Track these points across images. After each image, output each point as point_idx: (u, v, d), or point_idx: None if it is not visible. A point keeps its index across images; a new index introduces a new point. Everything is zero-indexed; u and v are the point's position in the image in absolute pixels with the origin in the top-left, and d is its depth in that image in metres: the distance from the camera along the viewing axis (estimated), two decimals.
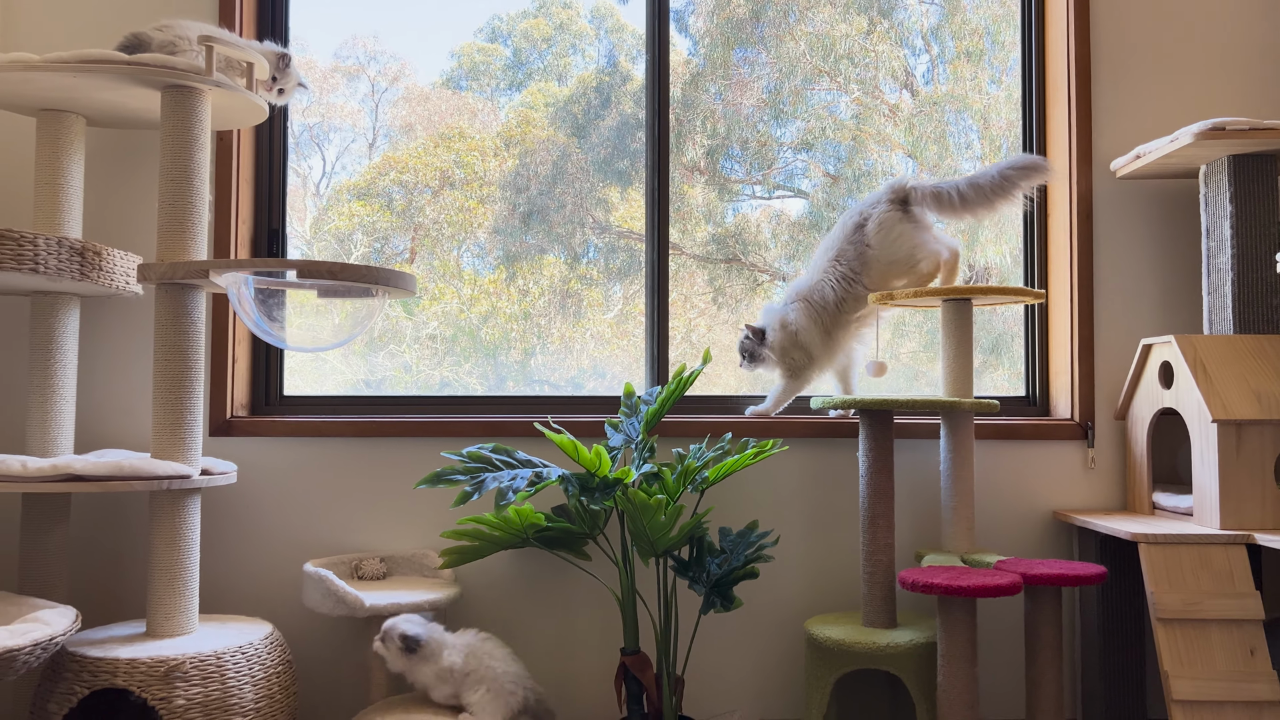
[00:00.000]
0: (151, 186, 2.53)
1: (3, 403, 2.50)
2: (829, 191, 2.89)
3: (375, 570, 2.42)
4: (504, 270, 2.83)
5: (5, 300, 2.51)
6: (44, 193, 2.27)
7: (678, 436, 2.53)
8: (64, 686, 1.94)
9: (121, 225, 2.53)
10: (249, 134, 2.62)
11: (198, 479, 2.12)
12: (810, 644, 2.25)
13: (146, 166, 2.54)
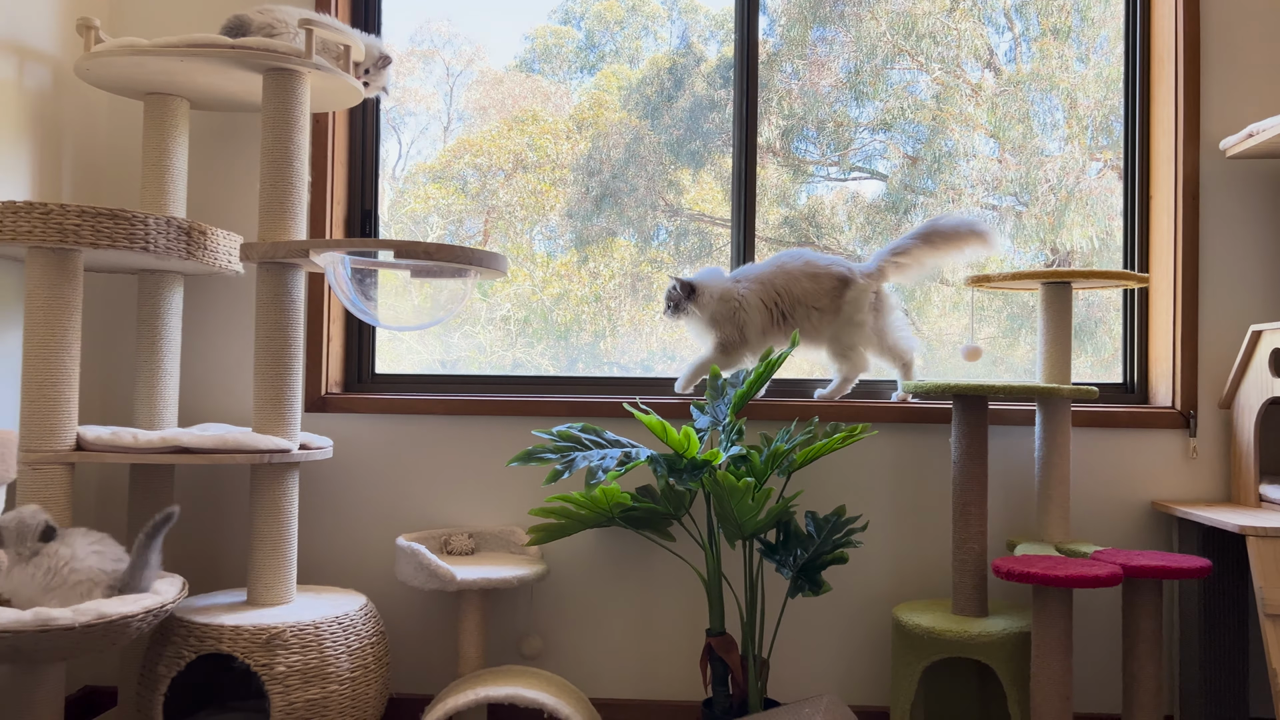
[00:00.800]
0: (249, 168, 2.60)
1: (111, 377, 2.60)
2: (908, 173, 2.83)
3: (464, 546, 2.47)
4: (575, 253, 2.84)
5: (114, 279, 2.60)
6: (151, 174, 2.35)
7: (763, 419, 2.51)
8: (172, 650, 2.02)
9: (221, 205, 2.60)
10: (343, 116, 2.67)
11: (297, 453, 2.18)
12: (898, 631, 2.23)
13: (245, 148, 2.60)
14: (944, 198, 2.80)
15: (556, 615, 2.53)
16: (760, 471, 2.13)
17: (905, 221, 2.81)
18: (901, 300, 2.61)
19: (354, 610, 2.16)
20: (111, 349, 2.60)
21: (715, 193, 2.83)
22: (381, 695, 2.17)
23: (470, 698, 2.07)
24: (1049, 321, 2.33)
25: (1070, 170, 2.79)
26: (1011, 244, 2.80)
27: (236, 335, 2.59)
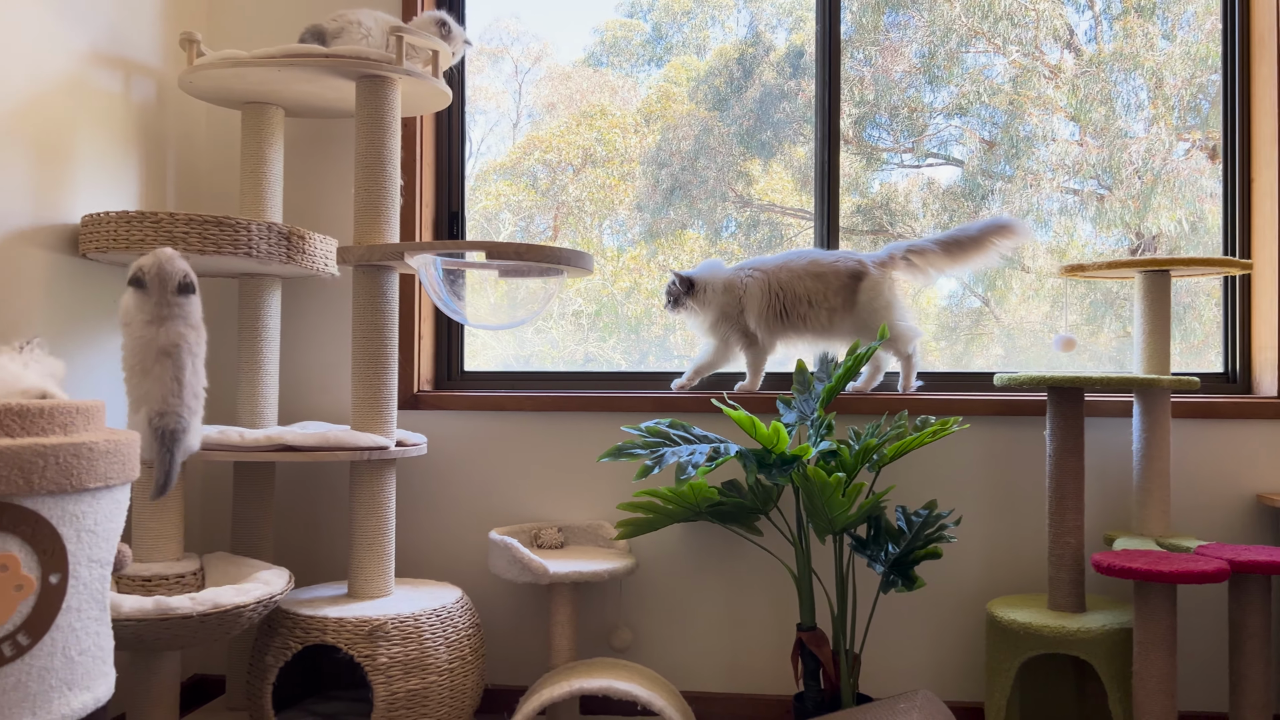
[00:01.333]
0: (342, 172, 2.67)
1: (214, 378, 2.70)
2: (984, 158, 2.78)
3: (553, 539, 2.51)
4: (645, 246, 2.85)
5: (215, 283, 2.70)
6: (249, 181, 2.43)
7: (849, 413, 2.50)
8: (279, 641, 2.09)
9: (315, 209, 2.68)
10: (430, 120, 2.72)
11: (394, 450, 2.24)
12: (993, 626, 2.20)
13: (338, 154, 2.67)
14: (1022, 183, 2.75)
15: (645, 608, 2.56)
16: (851, 467, 2.12)
17: (983, 208, 2.77)
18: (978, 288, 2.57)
19: (451, 603, 2.21)
20: (214, 351, 2.69)
21: (786, 182, 2.82)
22: (478, 686, 2.22)
23: (565, 689, 2.11)
24: (1147, 310, 2.28)
25: (1156, 152, 2.72)
26: (1094, 229, 2.73)
27: (332, 335, 2.66)
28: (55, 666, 1.39)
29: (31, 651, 1.35)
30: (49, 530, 1.36)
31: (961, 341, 2.80)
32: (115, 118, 2.28)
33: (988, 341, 2.81)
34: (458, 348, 2.77)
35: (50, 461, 1.35)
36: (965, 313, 2.83)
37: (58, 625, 1.39)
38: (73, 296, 2.14)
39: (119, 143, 2.30)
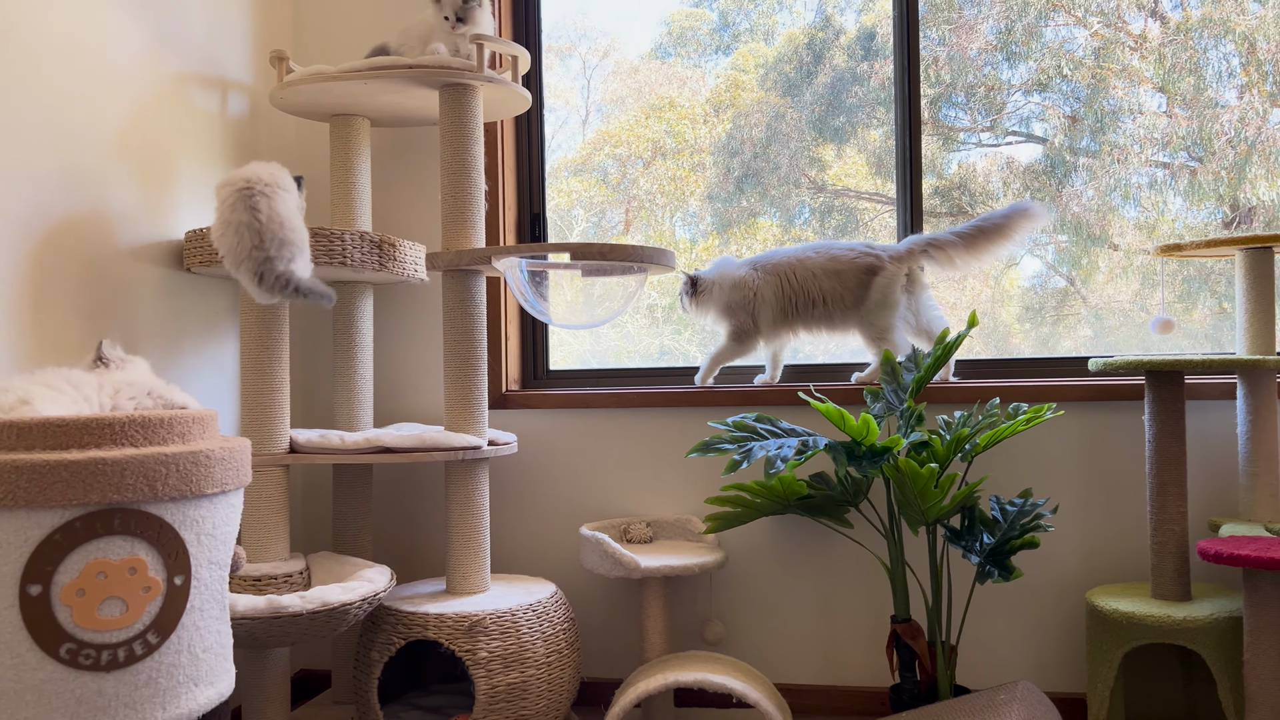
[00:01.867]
0: (426, 179, 2.73)
1: (311, 383, 2.79)
2: (1067, 134, 2.71)
3: (642, 534, 2.53)
4: (717, 236, 2.85)
5: None
6: (339, 191, 2.51)
7: (938, 403, 2.47)
8: (383, 637, 2.16)
9: (402, 216, 2.75)
10: (510, 123, 2.77)
11: (487, 449, 2.29)
12: (1094, 616, 2.16)
13: (422, 161, 2.74)
14: (1108, 158, 2.68)
15: (737, 601, 2.57)
16: (943, 457, 2.10)
17: (1066, 184, 2.70)
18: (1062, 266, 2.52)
19: (545, 598, 2.25)
20: (310, 356, 2.79)
21: (860, 167, 2.80)
22: (574, 679, 2.26)
23: (659, 682, 2.13)
24: (1249, 289, 2.20)
25: (1250, 120, 2.62)
26: (1185, 203, 2.65)
27: (423, 338, 2.73)
28: (182, 663, 1.46)
29: (160, 649, 1.43)
30: (172, 534, 1.43)
31: (1047, 323, 2.74)
32: (213, 135, 2.38)
33: (1075, 322, 2.74)
34: (543, 347, 2.81)
35: (172, 469, 1.42)
36: (1050, 293, 2.77)
37: (183, 624, 1.46)
38: (180, 309, 2.24)
39: (217, 158, 2.39)
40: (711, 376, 2.61)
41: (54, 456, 1.33)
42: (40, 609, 1.33)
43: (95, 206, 1.97)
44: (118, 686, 1.38)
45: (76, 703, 1.35)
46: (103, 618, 1.36)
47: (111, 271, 2.01)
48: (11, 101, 1.76)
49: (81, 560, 1.35)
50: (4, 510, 1.32)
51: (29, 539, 1.33)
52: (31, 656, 1.33)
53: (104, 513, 1.36)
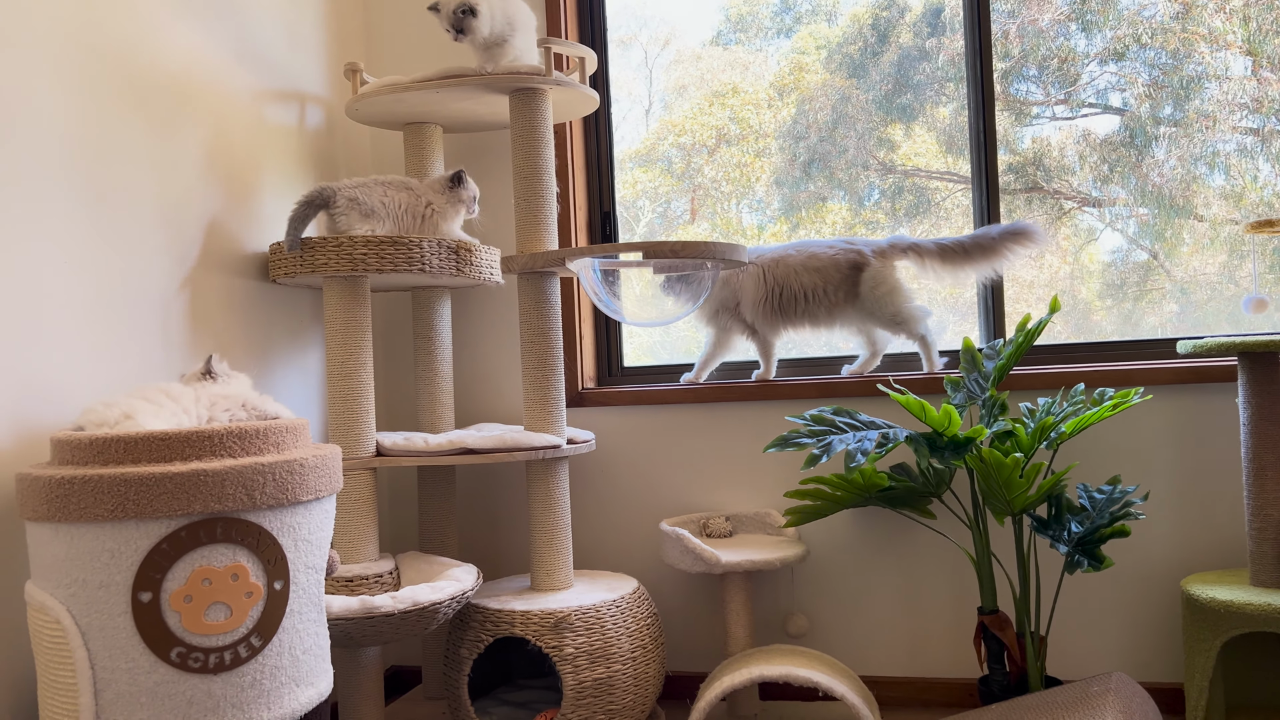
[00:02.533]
0: (497, 182, 2.77)
1: (394, 387, 2.86)
2: (1149, 103, 2.61)
3: (722, 529, 2.54)
4: (785, 222, 2.82)
5: (389, 297, 2.85)
6: None
7: (1020, 390, 2.43)
8: (472, 634, 2.21)
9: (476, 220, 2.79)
10: (578, 122, 2.79)
11: (566, 448, 2.32)
12: (1189, 605, 2.11)
13: (494, 165, 2.77)
14: (1192, 125, 2.59)
15: (818, 595, 2.56)
16: (1027, 446, 2.06)
17: (1146, 155, 2.62)
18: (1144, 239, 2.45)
19: (629, 593, 2.27)
20: (392, 361, 2.86)
21: (930, 145, 2.75)
22: (660, 673, 2.28)
23: (745, 676, 2.14)
24: None
25: None
26: (1275, 170, 2.55)
27: (500, 340, 2.77)
28: (284, 665, 1.51)
29: (264, 652, 1.48)
30: (271, 541, 1.49)
31: (1129, 299, 2.67)
32: (292, 148, 2.44)
33: (1159, 298, 2.66)
34: (617, 345, 2.83)
35: (269, 478, 1.47)
36: (1132, 268, 2.69)
37: (284, 627, 1.51)
38: (267, 320, 2.31)
39: (297, 171, 2.46)
40: (704, 375, 2.66)
41: (159, 469, 1.40)
42: (151, 615, 1.39)
43: (187, 223, 2.05)
44: (225, 688, 1.44)
45: (187, 704, 1.41)
46: (209, 622, 1.42)
47: (201, 285, 2.09)
48: (118, 129, 1.84)
49: (188, 568, 1.41)
50: (115, 521, 1.38)
51: (139, 548, 1.39)
52: (145, 660, 1.40)
53: (207, 522, 1.42)
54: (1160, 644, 2.38)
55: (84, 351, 1.76)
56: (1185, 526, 2.36)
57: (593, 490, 2.71)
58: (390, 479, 2.86)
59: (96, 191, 1.81)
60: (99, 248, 1.81)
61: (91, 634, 1.39)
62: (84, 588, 1.39)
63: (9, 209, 1.62)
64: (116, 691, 1.39)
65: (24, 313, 1.64)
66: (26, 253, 1.65)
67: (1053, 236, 2.68)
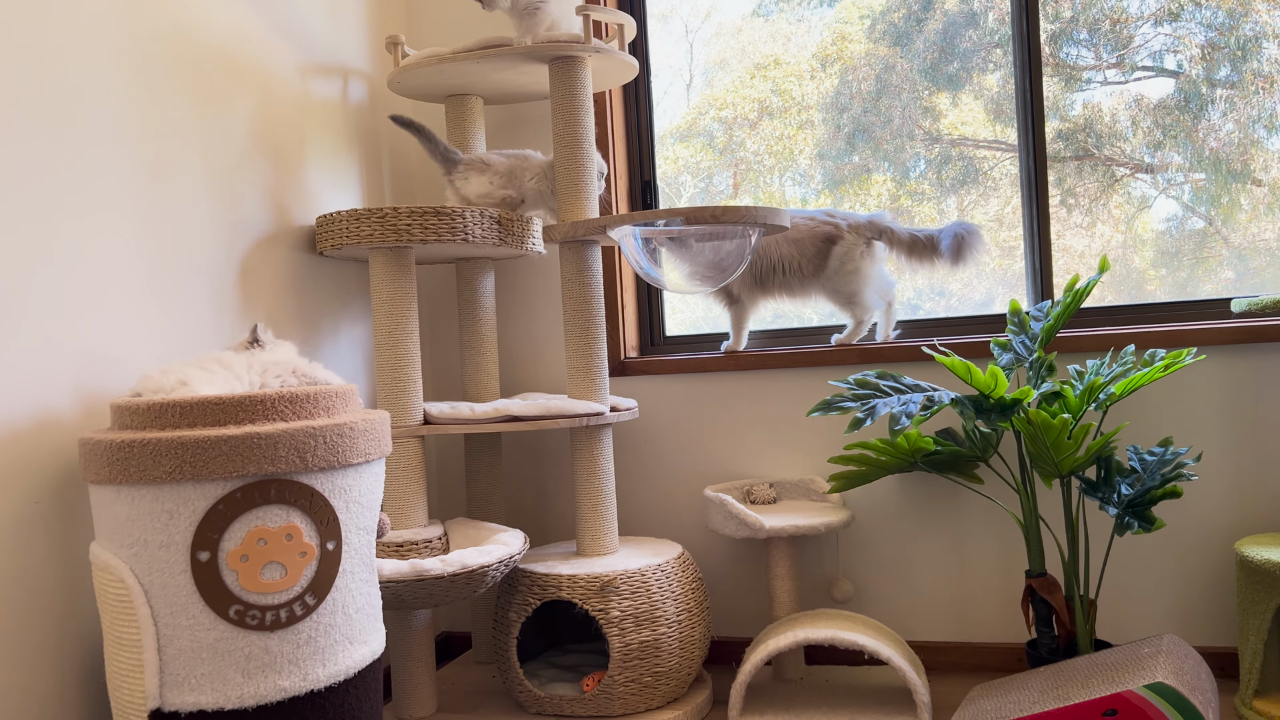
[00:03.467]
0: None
1: (440, 357, 2.89)
2: (1208, 62, 2.54)
3: (765, 495, 2.55)
4: (829, 195, 2.80)
5: (434, 269, 2.88)
6: None
7: (1069, 352, 2.40)
8: (519, 598, 2.24)
9: None
10: (617, 91, 2.79)
11: (609, 415, 2.34)
12: (1244, 567, 2.07)
13: (535, 135, 2.78)
14: (1250, 87, 2.52)
15: (864, 560, 2.56)
16: (1075, 408, 2.04)
17: (1201, 119, 2.55)
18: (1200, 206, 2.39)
19: (673, 558, 2.29)
20: (437, 332, 2.89)
21: (978, 114, 2.70)
22: (705, 637, 2.30)
23: (790, 639, 2.15)
24: None
25: None
26: None
27: (544, 310, 2.80)
28: (338, 623, 1.55)
29: (318, 610, 1.52)
30: (323, 502, 1.52)
31: (1185, 267, 2.61)
32: (335, 122, 2.47)
33: (1215, 265, 2.60)
34: (659, 314, 2.84)
35: (320, 441, 1.51)
36: (1187, 235, 2.63)
37: (337, 587, 1.55)
38: (315, 291, 2.35)
39: (341, 145, 2.49)
40: (743, 341, 2.67)
41: (215, 432, 1.43)
42: (209, 574, 1.44)
43: (235, 196, 2.09)
44: (282, 644, 1.48)
45: (246, 659, 1.46)
46: (265, 581, 1.46)
47: (251, 257, 2.13)
48: (168, 105, 1.88)
49: (244, 528, 1.45)
50: (174, 483, 1.43)
51: (196, 509, 1.43)
52: (205, 618, 1.44)
53: (261, 483, 1.46)
54: (1213, 608, 2.35)
55: (140, 322, 1.81)
56: (1239, 488, 2.32)
57: (637, 458, 2.72)
58: (439, 449, 2.90)
59: (150, 166, 1.85)
60: (153, 221, 1.85)
61: (154, 592, 1.44)
62: (145, 548, 1.44)
63: (73, 185, 1.66)
64: (179, 647, 1.44)
65: (84, 286, 1.69)
66: (87, 227, 1.70)
67: (1102, 207, 2.63)
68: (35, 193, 1.61)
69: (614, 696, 2.16)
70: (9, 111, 1.57)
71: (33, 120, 1.61)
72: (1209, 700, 1.77)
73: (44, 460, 1.60)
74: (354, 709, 1.58)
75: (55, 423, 1.62)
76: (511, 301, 2.83)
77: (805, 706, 2.24)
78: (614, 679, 2.15)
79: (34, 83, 1.61)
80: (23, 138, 1.59)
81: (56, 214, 1.64)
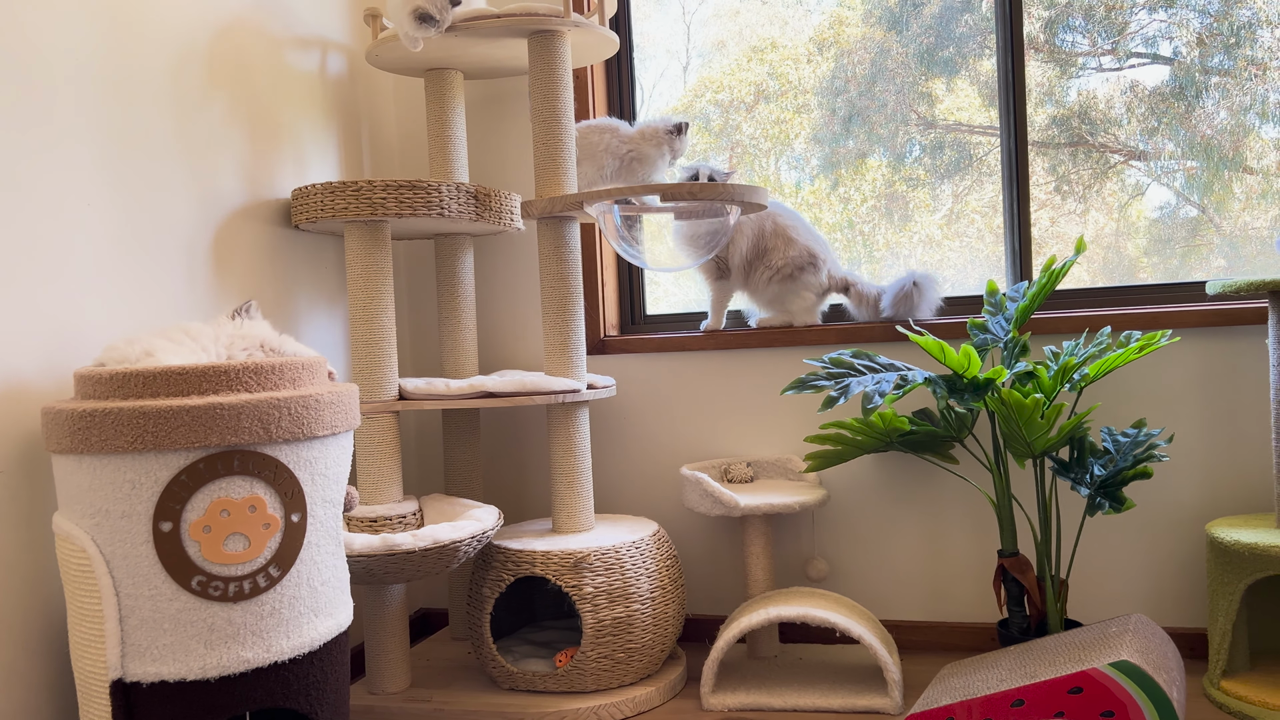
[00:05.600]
0: (519, 129, 2.76)
1: (419, 335, 2.88)
2: (1200, 51, 2.53)
3: (743, 474, 2.55)
4: (824, 179, 2.79)
5: (412, 246, 2.87)
6: (436, 145, 2.56)
7: (1045, 333, 2.40)
8: (493, 574, 2.24)
9: (497, 167, 2.79)
10: (599, 68, 2.77)
11: (586, 393, 2.33)
12: (1214, 548, 2.08)
13: (513, 111, 2.77)
14: (1244, 74, 2.51)
15: (840, 540, 2.57)
16: (1049, 388, 2.04)
17: (1195, 106, 2.54)
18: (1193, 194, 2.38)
19: (648, 536, 2.29)
20: (416, 310, 2.88)
21: (973, 99, 2.69)
22: (679, 614, 2.30)
23: (762, 617, 2.16)
24: None
25: None
26: None
27: (523, 289, 2.79)
28: (302, 595, 1.55)
29: (282, 582, 1.52)
30: (288, 474, 1.52)
31: (1177, 255, 2.60)
32: (314, 96, 2.45)
33: (1207, 253, 2.60)
34: (639, 293, 2.83)
35: (284, 413, 1.50)
36: (1180, 223, 2.62)
37: (301, 559, 1.55)
38: (291, 266, 2.34)
39: (319, 118, 2.47)
40: (723, 320, 2.68)
41: (177, 403, 1.43)
42: (172, 544, 1.43)
43: (209, 168, 2.07)
44: (245, 616, 1.48)
45: (209, 630, 1.46)
46: (228, 552, 1.46)
47: (225, 230, 2.11)
48: (140, 71, 1.86)
49: (206, 499, 1.45)
50: (136, 453, 1.42)
51: (159, 479, 1.42)
52: (167, 588, 1.44)
53: (224, 454, 1.45)
54: (1184, 589, 2.36)
55: (111, 293, 1.80)
56: (1211, 470, 2.33)
57: (615, 437, 2.72)
58: (418, 426, 2.89)
59: (120, 134, 1.83)
60: (122, 191, 1.84)
61: (115, 562, 1.44)
62: (107, 517, 1.43)
63: (39, 151, 1.65)
64: (141, 618, 1.44)
65: (52, 255, 1.67)
66: (54, 195, 1.68)
67: (1096, 194, 2.62)
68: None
69: (586, 672, 2.16)
70: None
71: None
72: (1174, 679, 1.78)
73: (9, 430, 1.59)
74: (319, 681, 1.58)
75: (22, 392, 1.61)
76: (491, 279, 2.81)
77: (778, 683, 2.25)
78: (586, 655, 2.15)
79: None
80: None
81: (22, 179, 1.63)
